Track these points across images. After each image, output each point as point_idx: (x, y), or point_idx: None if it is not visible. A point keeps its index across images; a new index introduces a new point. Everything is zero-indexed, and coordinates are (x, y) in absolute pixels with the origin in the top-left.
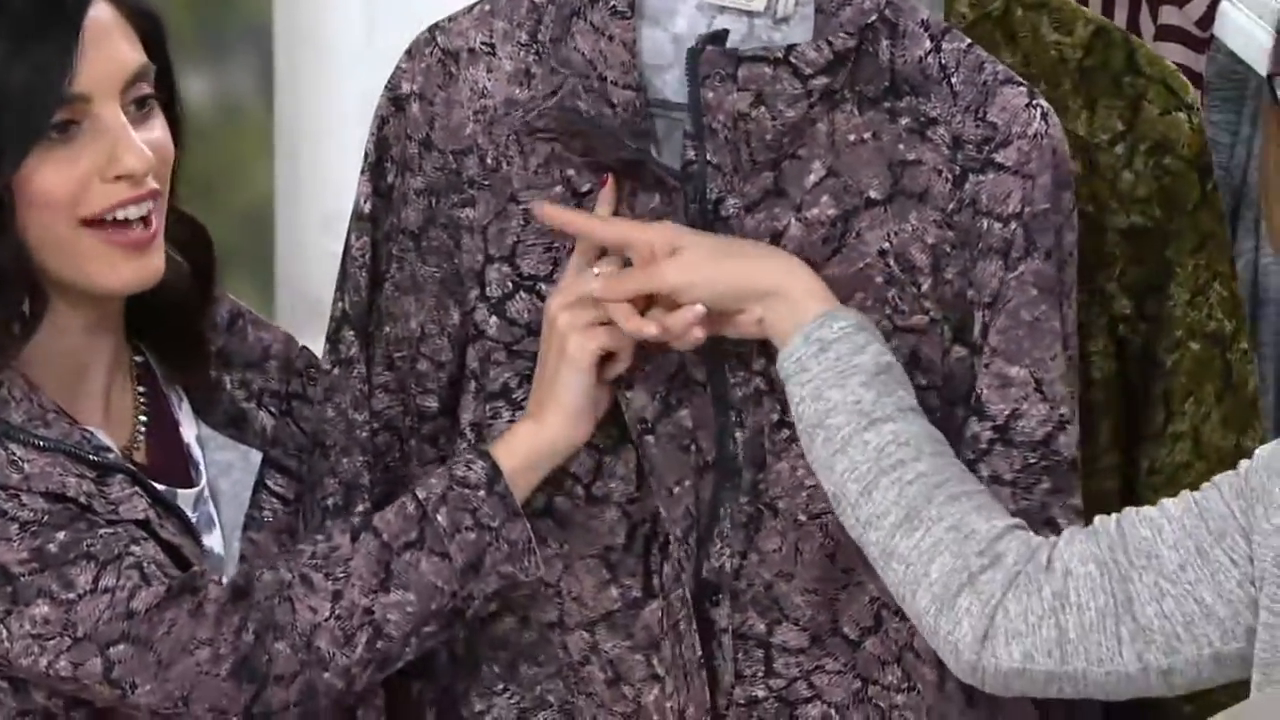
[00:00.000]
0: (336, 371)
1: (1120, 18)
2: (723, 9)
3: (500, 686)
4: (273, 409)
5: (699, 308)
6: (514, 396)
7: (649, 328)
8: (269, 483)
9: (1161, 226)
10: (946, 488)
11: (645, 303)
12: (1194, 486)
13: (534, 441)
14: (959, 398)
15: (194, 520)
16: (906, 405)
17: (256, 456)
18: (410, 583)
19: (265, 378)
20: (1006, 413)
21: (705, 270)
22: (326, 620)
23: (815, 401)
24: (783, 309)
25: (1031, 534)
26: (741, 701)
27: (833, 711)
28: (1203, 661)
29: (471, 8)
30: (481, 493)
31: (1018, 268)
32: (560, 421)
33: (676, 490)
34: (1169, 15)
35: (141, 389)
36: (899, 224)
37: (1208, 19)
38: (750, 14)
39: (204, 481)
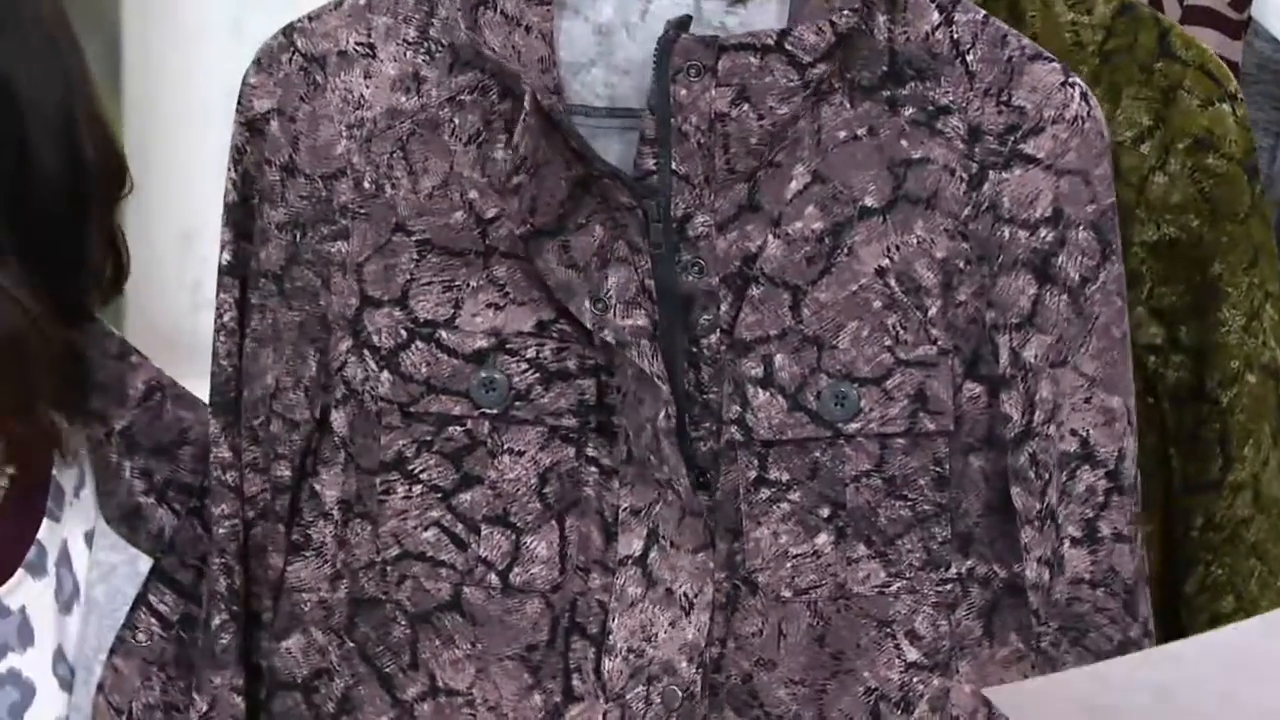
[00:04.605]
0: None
1: None
2: None
3: None
4: (176, 506)
5: None
6: (410, 468)
7: None
8: (151, 598)
9: (1201, 238)
10: None
11: None
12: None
13: None
14: (975, 445)
15: None
16: None
17: (145, 564)
18: None
19: (174, 467)
20: (1115, 454)
21: None
22: None
23: None
24: None
25: None
26: None
27: None
28: None
29: (340, 2)
30: None
31: (1098, 276)
32: None
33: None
34: None
35: (10, 469)
36: (901, 236)
37: None
38: None
39: (30, 587)
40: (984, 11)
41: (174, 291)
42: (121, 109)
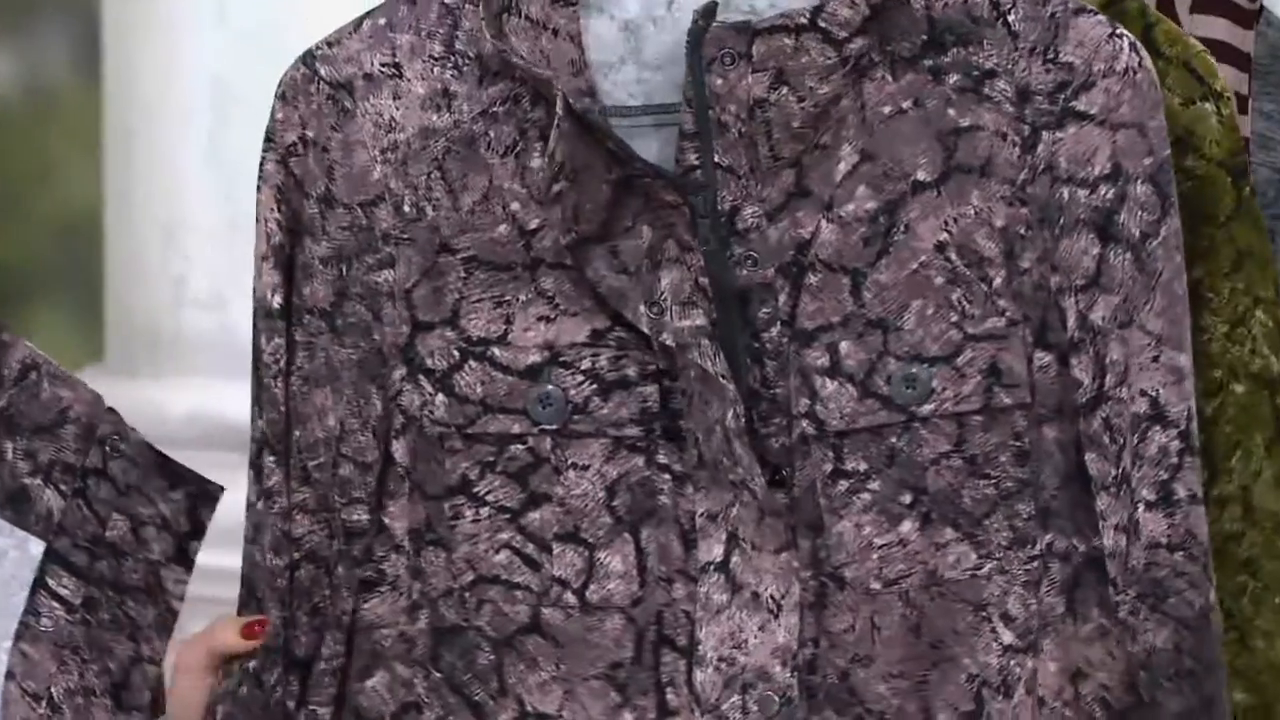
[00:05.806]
0: (260, 505)
1: None
2: None
3: None
4: (63, 486)
5: None
6: (476, 491)
7: None
8: (50, 582)
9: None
10: None
11: None
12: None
13: None
14: (1048, 415)
15: None
16: None
17: (38, 548)
18: None
19: (58, 446)
20: (1185, 414)
21: None
22: None
23: None
24: None
25: None
26: None
27: None
28: None
29: (358, 24)
30: None
31: (1159, 230)
32: None
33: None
34: None
35: None
36: (958, 208)
37: None
38: None
39: None
40: None
41: (156, 287)
42: (101, 99)
